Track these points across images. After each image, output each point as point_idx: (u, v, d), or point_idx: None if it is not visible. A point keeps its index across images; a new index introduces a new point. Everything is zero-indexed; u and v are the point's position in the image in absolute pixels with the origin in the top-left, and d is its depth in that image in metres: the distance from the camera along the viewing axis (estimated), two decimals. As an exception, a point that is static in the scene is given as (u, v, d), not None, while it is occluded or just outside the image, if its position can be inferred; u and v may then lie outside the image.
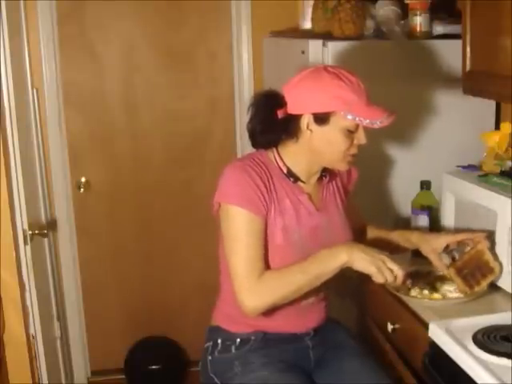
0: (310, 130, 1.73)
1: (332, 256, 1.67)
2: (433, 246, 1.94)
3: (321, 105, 1.70)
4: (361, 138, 1.75)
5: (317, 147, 1.75)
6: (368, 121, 1.69)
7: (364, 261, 1.64)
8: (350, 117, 1.69)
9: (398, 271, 1.66)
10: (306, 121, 1.72)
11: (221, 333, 1.86)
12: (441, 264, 1.94)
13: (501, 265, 1.86)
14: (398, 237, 2.03)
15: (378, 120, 1.69)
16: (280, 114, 1.73)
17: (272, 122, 1.75)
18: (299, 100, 1.72)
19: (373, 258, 1.65)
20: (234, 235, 1.70)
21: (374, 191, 2.49)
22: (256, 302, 1.67)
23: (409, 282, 1.88)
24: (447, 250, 1.96)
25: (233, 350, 1.83)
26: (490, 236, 1.90)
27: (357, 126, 1.73)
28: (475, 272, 1.87)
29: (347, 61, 2.32)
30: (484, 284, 1.86)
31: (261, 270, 1.68)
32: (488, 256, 1.86)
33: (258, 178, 1.72)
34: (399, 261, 1.69)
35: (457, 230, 2.07)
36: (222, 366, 1.84)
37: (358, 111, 1.68)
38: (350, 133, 1.73)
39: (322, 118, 1.71)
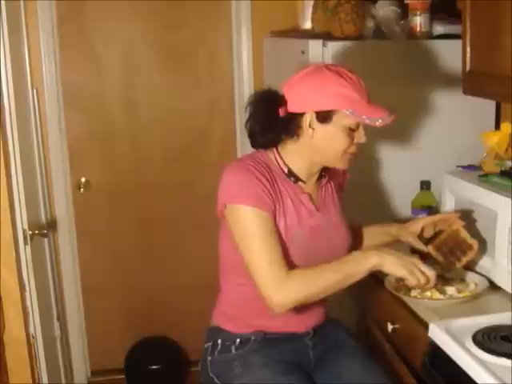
0: (312, 129, 1.73)
1: (363, 258, 1.67)
2: (410, 230, 1.99)
3: (324, 103, 1.70)
4: (361, 136, 1.75)
5: (318, 145, 1.75)
6: (370, 119, 1.69)
7: (395, 264, 1.66)
8: (353, 115, 1.69)
9: (430, 273, 1.68)
10: (309, 119, 1.72)
11: (221, 333, 1.86)
12: (420, 244, 1.97)
13: (479, 241, 1.91)
14: (379, 232, 2.07)
15: (380, 119, 1.69)
16: (281, 112, 1.73)
17: (272, 121, 1.74)
18: (301, 98, 1.72)
19: (404, 261, 1.66)
20: (249, 235, 1.68)
21: (374, 191, 2.49)
22: (286, 298, 1.65)
23: (440, 284, 1.90)
24: (423, 233, 2.00)
25: (233, 351, 1.83)
26: (464, 216, 1.96)
27: (358, 125, 1.73)
28: (454, 249, 1.92)
29: (347, 61, 2.32)
30: (464, 260, 1.92)
31: (285, 265, 1.67)
32: (464, 234, 1.91)
33: (261, 176, 1.71)
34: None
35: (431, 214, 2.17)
36: (222, 367, 1.83)
37: (360, 110, 1.68)
38: (351, 131, 1.73)
39: (324, 117, 1.71)
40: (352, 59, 2.34)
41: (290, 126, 1.75)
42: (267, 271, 1.66)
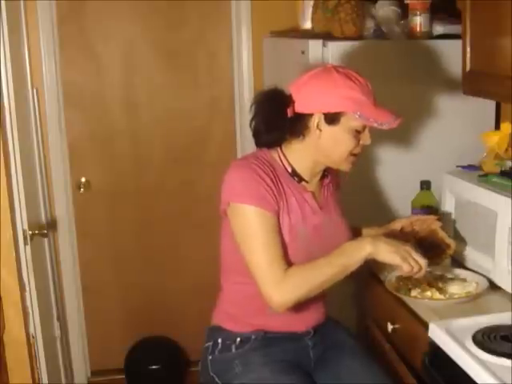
0: (319, 130, 1.73)
1: (357, 248, 1.68)
2: (390, 229, 2.02)
3: (332, 105, 1.70)
4: (366, 138, 1.76)
5: (324, 146, 1.75)
6: (378, 122, 1.70)
7: (388, 252, 1.66)
8: (360, 118, 1.69)
9: (423, 262, 1.68)
10: (317, 120, 1.72)
11: (221, 332, 1.86)
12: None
13: (457, 241, 2.01)
14: (368, 231, 2.07)
15: (387, 122, 1.71)
16: (289, 112, 1.73)
17: (278, 121, 1.75)
18: (309, 99, 1.72)
19: (398, 248, 1.67)
20: (251, 234, 1.69)
21: (374, 191, 2.49)
22: (286, 296, 1.66)
23: (440, 283, 1.95)
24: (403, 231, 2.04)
25: (233, 350, 1.83)
26: (441, 218, 2.06)
27: (364, 127, 1.74)
28: (434, 247, 1.98)
29: (347, 61, 2.32)
30: (444, 257, 1.99)
31: (284, 264, 1.68)
32: (442, 234, 1.98)
33: (265, 176, 1.72)
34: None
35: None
36: (223, 366, 1.83)
37: (367, 113, 1.69)
38: (357, 133, 1.74)
39: (332, 118, 1.71)
40: (352, 59, 2.33)
41: (296, 126, 1.75)
42: (267, 271, 1.66)
